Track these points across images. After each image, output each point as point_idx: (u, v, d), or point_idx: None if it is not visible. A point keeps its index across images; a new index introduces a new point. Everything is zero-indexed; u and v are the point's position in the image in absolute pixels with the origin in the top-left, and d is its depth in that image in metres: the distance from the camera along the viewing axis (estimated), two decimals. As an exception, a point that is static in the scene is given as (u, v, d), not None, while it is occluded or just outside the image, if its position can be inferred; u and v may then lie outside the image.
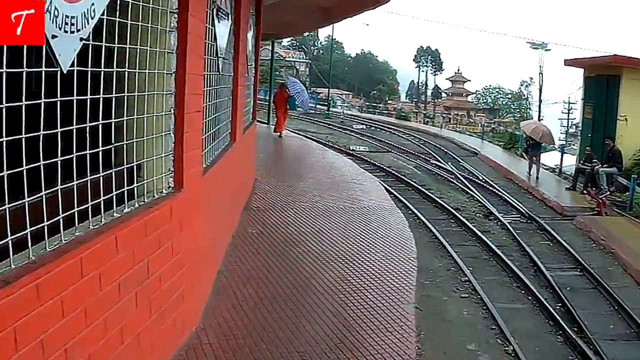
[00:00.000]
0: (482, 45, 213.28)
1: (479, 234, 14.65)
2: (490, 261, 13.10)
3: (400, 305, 8.31)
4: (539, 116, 58.62)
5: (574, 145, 31.70)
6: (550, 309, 10.46)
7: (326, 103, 49.18)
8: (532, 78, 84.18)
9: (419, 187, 19.45)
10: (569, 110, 47.87)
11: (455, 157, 27.33)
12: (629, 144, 19.74)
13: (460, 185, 20.65)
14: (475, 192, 19.59)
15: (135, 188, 5.05)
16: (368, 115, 53.20)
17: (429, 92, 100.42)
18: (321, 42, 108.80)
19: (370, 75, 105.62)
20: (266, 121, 29.77)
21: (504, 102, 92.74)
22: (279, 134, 24.74)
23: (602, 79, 21.54)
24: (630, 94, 20.28)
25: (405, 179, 20.78)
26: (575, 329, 9.85)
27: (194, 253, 6.30)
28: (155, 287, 5.29)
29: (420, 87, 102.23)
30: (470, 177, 22.26)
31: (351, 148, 27.69)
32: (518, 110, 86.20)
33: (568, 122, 48.58)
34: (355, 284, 8.61)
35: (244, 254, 9.24)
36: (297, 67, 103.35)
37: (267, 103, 30.57)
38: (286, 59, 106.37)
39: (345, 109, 60.32)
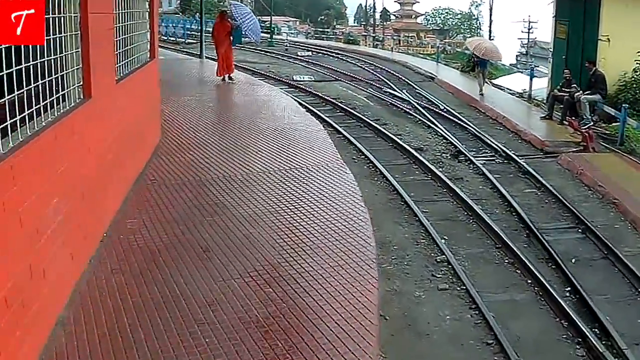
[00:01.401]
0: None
1: (450, 183, 11.48)
2: (469, 224, 9.97)
3: (358, 319, 5.36)
4: (490, 36, 55.42)
5: (537, 66, 28.36)
6: (559, 298, 7.44)
7: (270, 31, 44.54)
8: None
9: (372, 123, 16.01)
10: (529, 29, 44.37)
11: (411, 83, 23.79)
12: (612, 67, 16.48)
13: (420, 118, 17.27)
14: (438, 125, 16.31)
15: None
16: (315, 41, 48.91)
17: (377, 15, 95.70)
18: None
19: (317, 0, 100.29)
20: (198, 53, 25.85)
21: (453, 23, 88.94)
22: (222, 78, 18.67)
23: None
24: (612, 10, 16.88)
25: (356, 112, 17.29)
26: (597, 331, 6.87)
27: None
28: None
29: (368, 10, 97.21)
30: (430, 107, 18.87)
31: (294, 78, 23.97)
32: (468, 30, 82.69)
33: (528, 41, 45.24)
34: (282, 312, 5.34)
35: (108, 273, 5.77)
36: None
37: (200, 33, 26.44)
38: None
39: (291, 36, 55.85)
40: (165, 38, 42.86)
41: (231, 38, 18.62)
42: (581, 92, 15.80)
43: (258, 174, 9.32)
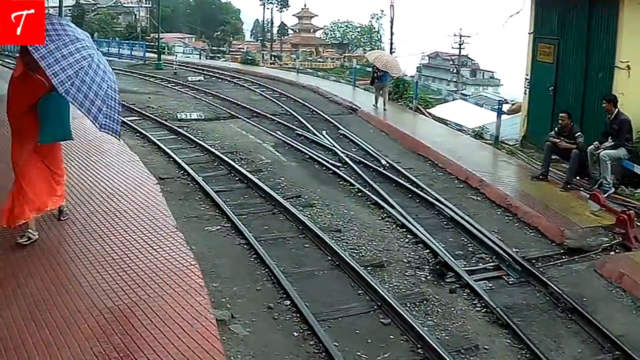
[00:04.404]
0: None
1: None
2: None
3: None
4: (391, 49, 50.87)
5: (463, 90, 22.90)
6: None
7: (157, 51, 37.47)
8: (382, 10, 76.10)
9: (290, 208, 9.75)
10: (460, 44, 39.22)
11: (329, 118, 17.86)
12: (634, 105, 11.01)
13: (360, 186, 11.21)
14: (389, 199, 10.45)
15: None
16: (209, 62, 42.20)
17: (275, 30, 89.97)
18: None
19: (213, 16, 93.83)
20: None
21: (353, 36, 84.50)
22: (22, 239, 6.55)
23: (578, 2, 12.58)
24: (635, 27, 11.29)
25: (263, 181, 11.04)
26: None
27: None
28: None
29: (265, 25, 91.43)
30: (366, 161, 12.97)
31: (178, 117, 17.52)
32: (369, 43, 78.37)
33: (459, 59, 40.26)
34: None
35: None
36: (136, 13, 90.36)
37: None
38: (124, 4, 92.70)
39: (184, 55, 49.03)
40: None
41: (37, 116, 6.24)
42: (597, 143, 10.34)
43: None
